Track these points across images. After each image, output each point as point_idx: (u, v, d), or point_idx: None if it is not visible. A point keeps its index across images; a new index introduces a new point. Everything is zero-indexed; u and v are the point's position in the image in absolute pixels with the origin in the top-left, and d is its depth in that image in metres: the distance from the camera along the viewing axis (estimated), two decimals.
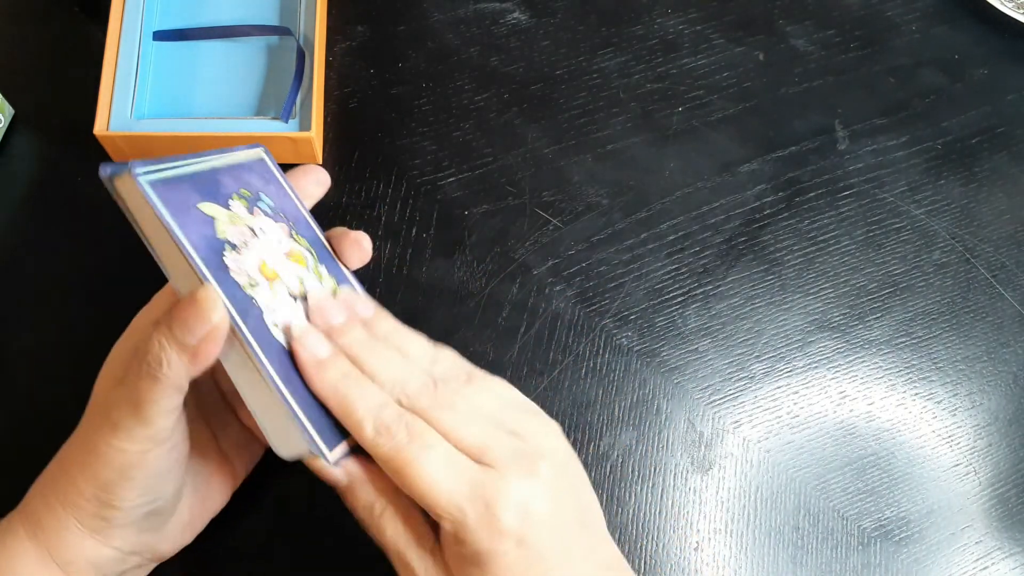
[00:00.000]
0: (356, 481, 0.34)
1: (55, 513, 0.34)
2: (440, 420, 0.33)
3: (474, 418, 0.33)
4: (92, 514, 0.33)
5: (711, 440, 0.46)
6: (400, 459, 0.31)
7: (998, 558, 0.44)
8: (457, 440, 0.32)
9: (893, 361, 0.48)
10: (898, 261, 0.51)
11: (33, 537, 0.34)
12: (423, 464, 0.31)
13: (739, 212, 0.51)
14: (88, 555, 0.34)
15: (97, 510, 0.33)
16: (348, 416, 0.32)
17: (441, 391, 0.34)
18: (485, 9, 0.56)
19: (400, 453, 0.31)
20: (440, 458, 0.32)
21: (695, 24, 0.57)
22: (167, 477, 0.34)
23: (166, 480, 0.34)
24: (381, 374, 0.34)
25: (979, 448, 0.47)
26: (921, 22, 0.58)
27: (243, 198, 0.36)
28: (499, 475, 0.32)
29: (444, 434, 0.32)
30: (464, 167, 0.51)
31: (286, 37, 0.52)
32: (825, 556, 0.44)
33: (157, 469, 0.33)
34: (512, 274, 0.49)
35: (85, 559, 0.34)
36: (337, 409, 0.33)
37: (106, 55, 0.49)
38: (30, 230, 0.49)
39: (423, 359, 0.35)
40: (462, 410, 0.33)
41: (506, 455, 0.32)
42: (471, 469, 0.32)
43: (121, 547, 0.34)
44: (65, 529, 0.33)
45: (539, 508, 0.32)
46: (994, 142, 0.54)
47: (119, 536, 0.34)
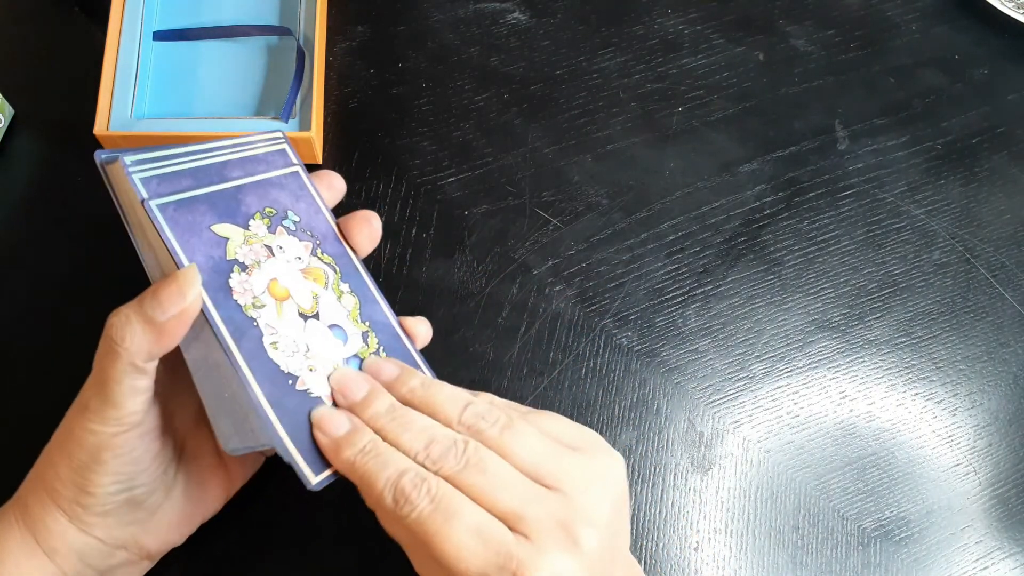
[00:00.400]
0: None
1: (41, 500, 0.34)
2: (470, 485, 0.30)
3: (507, 480, 0.31)
4: (70, 499, 0.33)
5: (711, 440, 0.46)
6: (423, 530, 0.30)
7: (998, 558, 0.44)
8: (489, 504, 0.30)
9: (893, 361, 0.48)
10: (898, 261, 0.51)
11: (22, 523, 0.34)
12: (447, 535, 0.29)
13: (739, 212, 0.51)
14: (71, 543, 0.34)
15: (74, 495, 0.33)
16: (369, 491, 0.31)
17: (472, 450, 0.31)
18: (485, 9, 0.56)
19: (423, 524, 0.30)
20: (466, 527, 0.29)
21: (695, 24, 0.57)
22: (141, 463, 0.34)
23: (140, 466, 0.34)
24: (404, 441, 0.32)
25: (979, 448, 0.47)
26: (921, 22, 0.58)
27: (267, 216, 0.36)
28: (534, 548, 0.29)
29: (475, 499, 0.30)
30: (464, 167, 0.51)
31: (286, 37, 0.52)
32: (825, 556, 0.44)
33: (129, 454, 0.33)
34: (512, 274, 0.49)
35: (68, 547, 0.34)
36: (359, 485, 0.32)
37: (106, 55, 0.49)
38: (30, 230, 0.49)
39: (454, 409, 0.33)
40: (493, 470, 0.31)
41: (543, 524, 0.30)
42: (503, 539, 0.29)
43: (104, 538, 0.34)
44: (49, 516, 0.34)
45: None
46: (994, 142, 0.54)
47: (99, 525, 0.34)
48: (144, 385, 0.32)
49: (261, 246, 0.35)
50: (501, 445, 0.32)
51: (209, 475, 0.38)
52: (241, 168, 0.36)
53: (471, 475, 0.31)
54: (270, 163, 0.38)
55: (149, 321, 0.31)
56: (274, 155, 0.39)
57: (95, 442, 0.32)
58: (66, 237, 0.48)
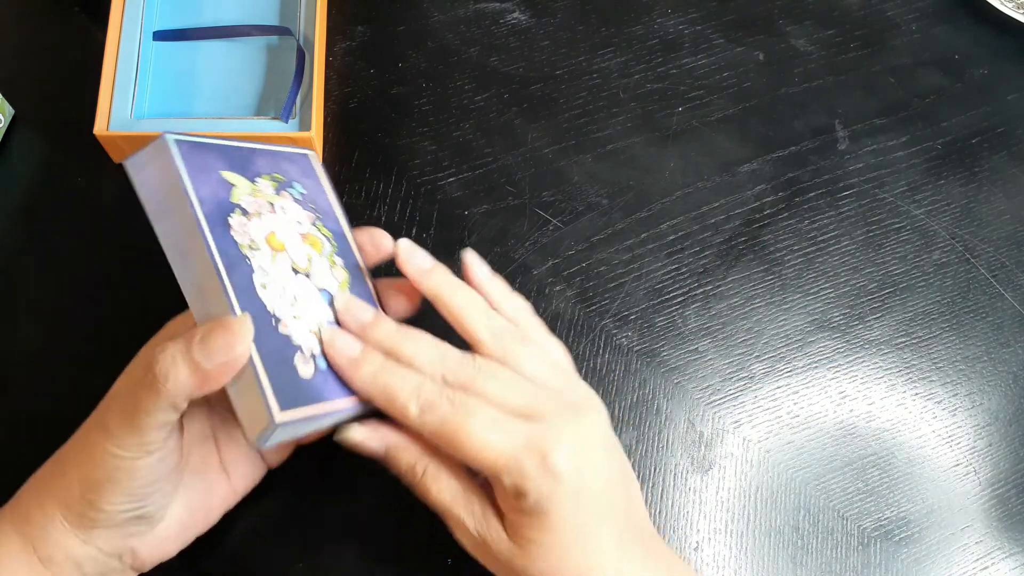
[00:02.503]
0: (395, 448, 0.35)
1: (44, 508, 0.34)
2: (484, 390, 0.33)
3: (518, 383, 0.34)
4: (79, 513, 0.33)
5: (711, 440, 0.46)
6: (448, 429, 0.32)
7: (998, 558, 0.44)
8: (502, 405, 0.33)
9: (893, 361, 0.48)
10: (898, 261, 0.51)
11: (19, 531, 0.34)
12: (471, 428, 0.32)
13: (739, 212, 0.51)
14: (70, 552, 0.34)
15: (84, 510, 0.33)
16: (392, 404, 0.33)
17: (482, 362, 0.34)
18: (485, 9, 0.56)
19: (447, 424, 0.32)
20: (487, 420, 0.32)
21: (695, 24, 0.57)
22: (156, 486, 0.34)
23: (155, 489, 0.34)
24: (418, 357, 0.34)
25: (979, 448, 0.47)
26: (921, 22, 0.58)
27: (274, 180, 0.37)
28: (548, 424, 0.33)
29: (488, 401, 0.33)
30: (464, 167, 0.51)
31: (286, 37, 0.52)
32: (825, 556, 0.44)
33: (146, 478, 0.33)
34: (512, 274, 0.49)
35: (66, 556, 0.34)
36: (381, 401, 0.34)
37: (106, 55, 0.49)
38: (30, 230, 0.49)
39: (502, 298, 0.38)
40: (504, 378, 0.34)
41: (553, 407, 0.34)
42: (521, 425, 0.33)
43: (103, 548, 0.34)
44: (51, 525, 0.34)
45: (592, 455, 0.34)
46: (994, 142, 0.54)
47: (103, 537, 0.34)
48: (173, 420, 0.32)
49: (265, 201, 0.36)
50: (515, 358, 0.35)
51: (212, 486, 0.38)
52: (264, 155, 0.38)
53: (484, 381, 0.34)
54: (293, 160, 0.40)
55: (196, 366, 0.30)
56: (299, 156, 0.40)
57: (114, 464, 0.32)
58: (66, 237, 0.48)
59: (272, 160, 0.38)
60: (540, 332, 0.39)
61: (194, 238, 0.32)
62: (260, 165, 0.37)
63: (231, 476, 0.39)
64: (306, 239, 0.37)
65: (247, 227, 0.34)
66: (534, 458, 0.32)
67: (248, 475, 0.39)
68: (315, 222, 0.38)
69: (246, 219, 0.34)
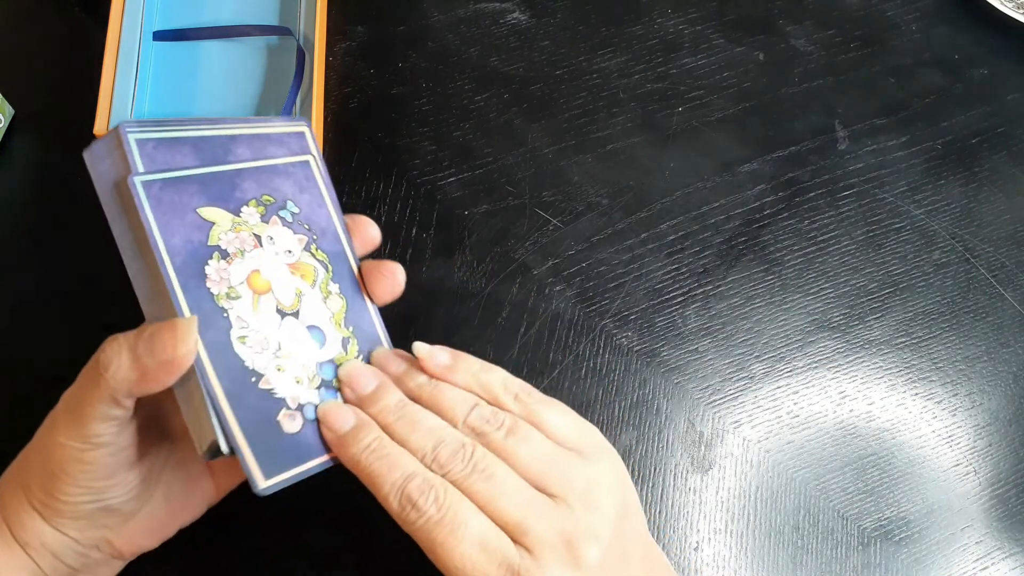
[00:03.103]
0: None
1: (16, 496, 0.34)
2: (475, 492, 0.30)
3: (512, 488, 0.31)
4: (42, 502, 0.33)
5: (711, 440, 0.46)
6: (429, 538, 0.30)
7: (998, 558, 0.44)
8: (494, 513, 0.30)
9: (893, 361, 0.48)
10: (898, 261, 0.51)
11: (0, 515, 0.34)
12: (452, 546, 0.29)
13: (739, 212, 0.51)
14: (44, 539, 0.34)
15: (45, 499, 0.33)
16: (376, 491, 0.31)
17: (479, 455, 0.31)
18: (485, 9, 0.56)
19: (429, 532, 0.30)
20: (471, 539, 0.30)
21: (695, 24, 0.57)
22: (112, 478, 0.33)
23: (111, 480, 0.33)
24: (412, 441, 0.32)
25: (979, 448, 0.47)
26: (921, 22, 0.58)
27: (262, 204, 0.35)
28: (536, 564, 0.29)
29: (481, 506, 0.30)
30: (464, 167, 0.51)
31: (286, 37, 0.52)
32: (825, 556, 0.44)
33: (98, 471, 0.32)
34: (512, 274, 0.49)
35: (41, 542, 0.34)
36: (366, 482, 0.32)
37: (106, 55, 0.49)
38: (30, 230, 0.49)
39: (461, 409, 0.33)
40: (499, 478, 0.31)
41: (547, 538, 0.30)
42: (506, 552, 0.30)
43: (78, 539, 0.34)
44: (24, 513, 0.33)
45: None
46: (994, 142, 0.54)
47: (72, 527, 0.34)
48: (118, 414, 0.31)
49: (249, 235, 0.33)
50: (505, 450, 0.32)
51: (195, 483, 0.38)
52: (249, 146, 0.35)
53: (477, 482, 0.31)
54: (283, 145, 0.36)
55: (137, 360, 0.30)
56: (291, 137, 0.37)
57: (63, 455, 0.32)
58: (66, 237, 0.48)
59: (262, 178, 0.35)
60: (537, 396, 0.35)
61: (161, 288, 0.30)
62: (247, 188, 0.34)
63: (215, 473, 0.38)
64: (296, 270, 0.35)
65: (225, 272, 0.32)
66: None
67: (233, 473, 0.39)
68: (308, 246, 0.36)
69: (226, 263, 0.32)
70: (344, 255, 0.37)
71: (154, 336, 0.30)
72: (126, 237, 0.31)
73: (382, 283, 0.37)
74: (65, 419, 0.32)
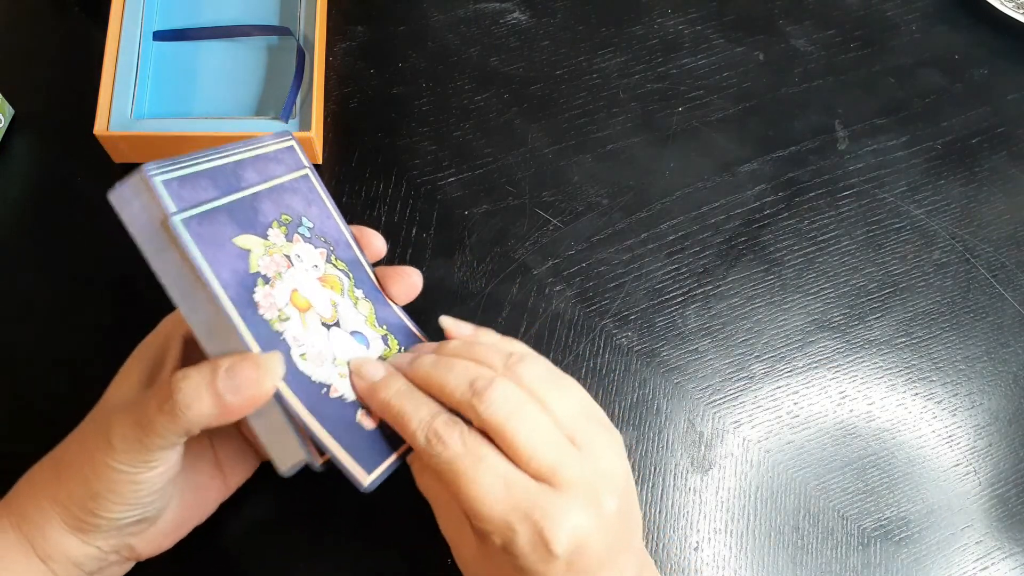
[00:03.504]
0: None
1: (42, 509, 0.34)
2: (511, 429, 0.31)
3: (549, 431, 0.32)
4: (77, 517, 0.33)
5: (711, 440, 0.46)
6: (451, 471, 0.31)
7: (998, 558, 0.44)
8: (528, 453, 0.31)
9: (893, 361, 0.48)
10: (898, 261, 0.51)
11: (17, 529, 0.34)
12: (474, 478, 0.30)
13: (739, 212, 0.51)
14: (69, 552, 0.34)
15: (82, 516, 0.33)
16: (404, 429, 0.32)
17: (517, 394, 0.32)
18: (485, 9, 0.56)
19: (452, 464, 0.31)
20: (494, 472, 0.30)
21: (695, 24, 0.57)
22: (156, 495, 0.34)
23: (155, 497, 0.34)
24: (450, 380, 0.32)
25: (979, 448, 0.47)
26: (921, 22, 0.58)
27: (283, 224, 0.35)
28: (562, 499, 0.30)
29: (511, 445, 0.31)
30: (464, 167, 0.51)
31: (286, 37, 0.52)
32: (825, 556, 0.44)
33: (148, 489, 0.33)
34: (512, 274, 0.49)
35: (65, 555, 0.34)
36: (394, 423, 0.32)
37: (106, 55, 0.49)
38: (30, 230, 0.49)
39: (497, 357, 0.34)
40: (535, 418, 0.32)
41: (574, 479, 0.31)
42: (527, 488, 0.30)
43: (102, 547, 0.35)
44: (49, 526, 0.34)
45: (595, 541, 0.31)
46: (994, 142, 0.54)
47: (102, 540, 0.34)
48: (183, 441, 0.32)
49: (281, 256, 0.34)
50: (542, 397, 0.32)
51: (207, 481, 0.38)
52: (254, 168, 0.36)
53: (516, 419, 0.31)
54: (280, 161, 0.37)
55: (219, 398, 0.30)
56: (284, 152, 0.38)
57: (115, 478, 0.32)
58: (66, 237, 0.48)
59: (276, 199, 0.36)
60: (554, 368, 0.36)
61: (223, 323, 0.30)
62: (267, 211, 0.35)
63: (225, 472, 0.39)
64: (325, 283, 0.36)
65: (272, 297, 0.32)
66: (530, 531, 0.30)
67: (242, 470, 0.40)
68: (329, 257, 0.37)
69: (269, 287, 0.33)
70: (359, 261, 0.38)
71: (236, 372, 0.30)
72: (171, 274, 0.31)
73: (399, 284, 0.39)
74: (125, 446, 0.31)
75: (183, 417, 0.30)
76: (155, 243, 0.30)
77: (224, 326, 0.30)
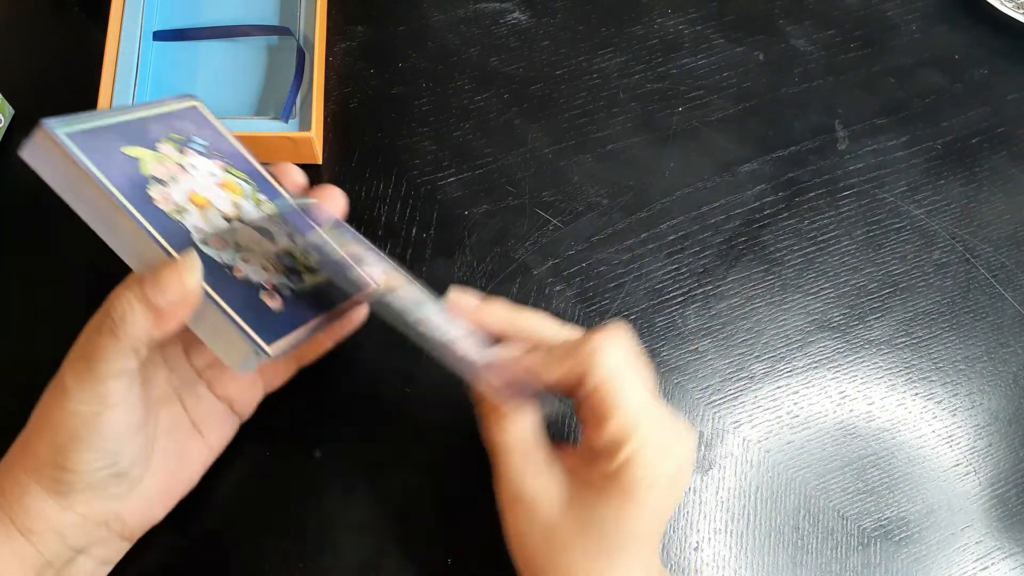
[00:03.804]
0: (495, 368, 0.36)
1: (17, 480, 0.34)
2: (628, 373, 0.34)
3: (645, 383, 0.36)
4: (51, 477, 0.33)
5: (711, 440, 0.46)
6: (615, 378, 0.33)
7: (998, 558, 0.44)
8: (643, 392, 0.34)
9: (893, 361, 0.48)
10: (898, 261, 0.51)
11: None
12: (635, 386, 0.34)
13: (739, 212, 0.51)
14: (51, 521, 0.33)
15: (55, 473, 0.33)
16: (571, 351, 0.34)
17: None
18: (485, 9, 0.56)
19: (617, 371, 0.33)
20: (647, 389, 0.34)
21: (695, 24, 0.57)
22: (123, 440, 0.34)
23: (123, 443, 0.34)
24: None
25: (979, 448, 0.47)
26: (921, 22, 0.58)
27: (173, 141, 0.37)
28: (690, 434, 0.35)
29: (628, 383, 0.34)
30: (464, 167, 0.51)
31: (286, 37, 0.52)
32: (825, 556, 0.44)
33: (111, 432, 0.33)
34: (512, 274, 0.49)
35: (47, 525, 0.33)
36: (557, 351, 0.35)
37: (106, 55, 0.49)
38: (30, 230, 0.49)
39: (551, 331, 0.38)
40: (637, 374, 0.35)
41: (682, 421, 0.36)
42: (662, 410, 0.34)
43: (85, 513, 0.34)
44: (27, 495, 0.33)
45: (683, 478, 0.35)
46: (994, 142, 0.54)
47: (81, 501, 0.34)
48: (133, 367, 0.32)
49: (174, 164, 0.36)
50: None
51: (186, 444, 0.38)
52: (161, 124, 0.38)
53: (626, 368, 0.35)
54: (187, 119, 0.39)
55: (150, 305, 0.31)
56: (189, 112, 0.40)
57: (75, 423, 0.32)
58: (66, 237, 0.48)
59: (165, 123, 0.38)
60: None
61: (121, 217, 0.32)
62: (155, 131, 0.37)
63: (204, 434, 0.39)
64: (225, 187, 0.38)
65: (168, 194, 0.34)
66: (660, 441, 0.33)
67: (221, 431, 0.40)
68: (226, 169, 0.38)
69: (164, 187, 0.35)
70: (261, 175, 0.40)
71: (159, 277, 0.31)
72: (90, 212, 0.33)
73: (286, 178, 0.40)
74: (77, 383, 0.32)
75: (122, 331, 0.31)
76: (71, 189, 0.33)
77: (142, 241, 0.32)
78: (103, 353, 0.31)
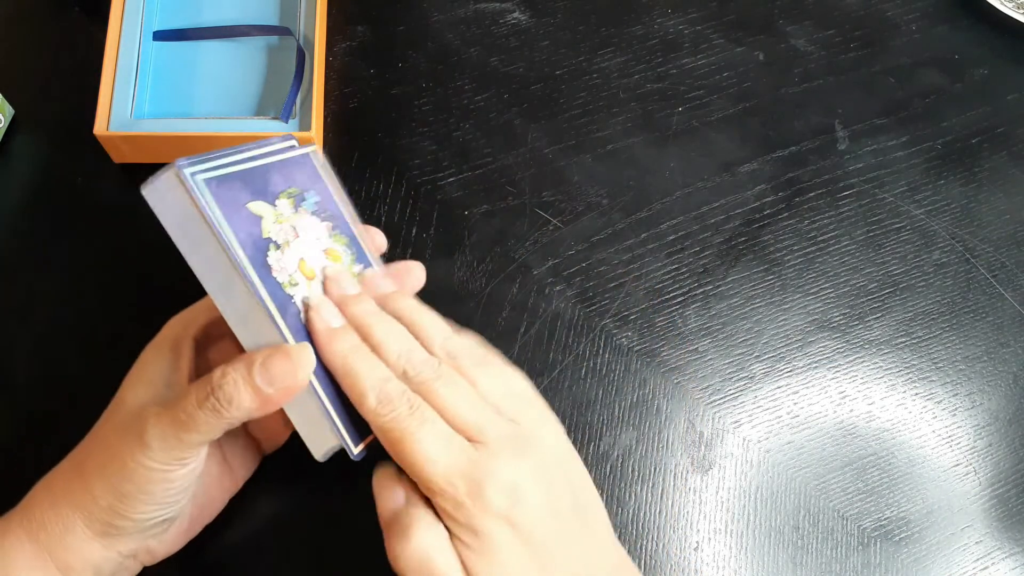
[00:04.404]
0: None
1: (63, 516, 0.33)
2: (439, 395, 0.33)
3: (473, 399, 0.33)
4: (103, 521, 0.33)
5: (711, 440, 0.46)
6: (397, 431, 0.32)
7: (998, 558, 0.44)
8: (452, 417, 0.32)
9: (893, 361, 0.48)
10: (898, 261, 0.51)
11: (33, 538, 0.33)
12: (419, 438, 0.31)
13: (739, 212, 0.51)
14: (90, 559, 0.34)
15: (109, 519, 0.33)
16: (353, 387, 0.33)
17: (446, 368, 0.34)
18: (485, 9, 0.56)
19: (398, 424, 0.32)
20: (436, 433, 0.32)
21: (695, 24, 0.57)
22: (184, 493, 0.34)
23: (182, 496, 0.34)
24: (387, 345, 0.34)
25: (979, 448, 0.47)
26: (921, 22, 0.58)
27: (290, 196, 0.36)
28: (490, 453, 0.32)
29: (441, 410, 0.32)
30: (464, 167, 0.51)
31: (286, 37, 0.52)
32: (825, 556, 0.44)
33: (178, 487, 0.33)
34: (512, 274, 0.49)
35: (86, 564, 0.34)
36: (344, 380, 0.33)
37: (106, 55, 0.49)
38: (30, 230, 0.49)
39: (436, 335, 0.35)
40: (463, 389, 0.33)
41: (499, 436, 0.32)
42: (465, 447, 0.32)
43: (122, 551, 0.35)
44: (70, 532, 0.33)
45: (529, 492, 0.32)
46: (994, 142, 0.54)
47: (124, 543, 0.34)
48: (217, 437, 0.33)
49: (288, 226, 0.35)
50: (472, 377, 0.34)
51: (216, 479, 0.38)
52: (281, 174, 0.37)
53: (441, 387, 0.33)
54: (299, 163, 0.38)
55: (258, 391, 0.31)
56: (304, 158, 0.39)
57: (148, 476, 0.32)
58: (65, 237, 0.48)
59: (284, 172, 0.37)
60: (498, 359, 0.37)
61: (241, 282, 0.32)
62: (276, 182, 0.36)
63: (232, 467, 0.39)
64: (328, 255, 0.37)
65: (283, 262, 0.34)
66: (469, 484, 0.31)
67: (247, 464, 0.40)
68: (332, 232, 0.38)
69: (280, 253, 0.34)
70: (356, 239, 0.39)
71: (271, 365, 0.31)
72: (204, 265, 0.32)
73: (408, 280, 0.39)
74: (161, 443, 0.32)
75: (226, 411, 0.31)
76: (188, 235, 0.32)
77: (257, 313, 0.32)
78: (199, 427, 0.32)
